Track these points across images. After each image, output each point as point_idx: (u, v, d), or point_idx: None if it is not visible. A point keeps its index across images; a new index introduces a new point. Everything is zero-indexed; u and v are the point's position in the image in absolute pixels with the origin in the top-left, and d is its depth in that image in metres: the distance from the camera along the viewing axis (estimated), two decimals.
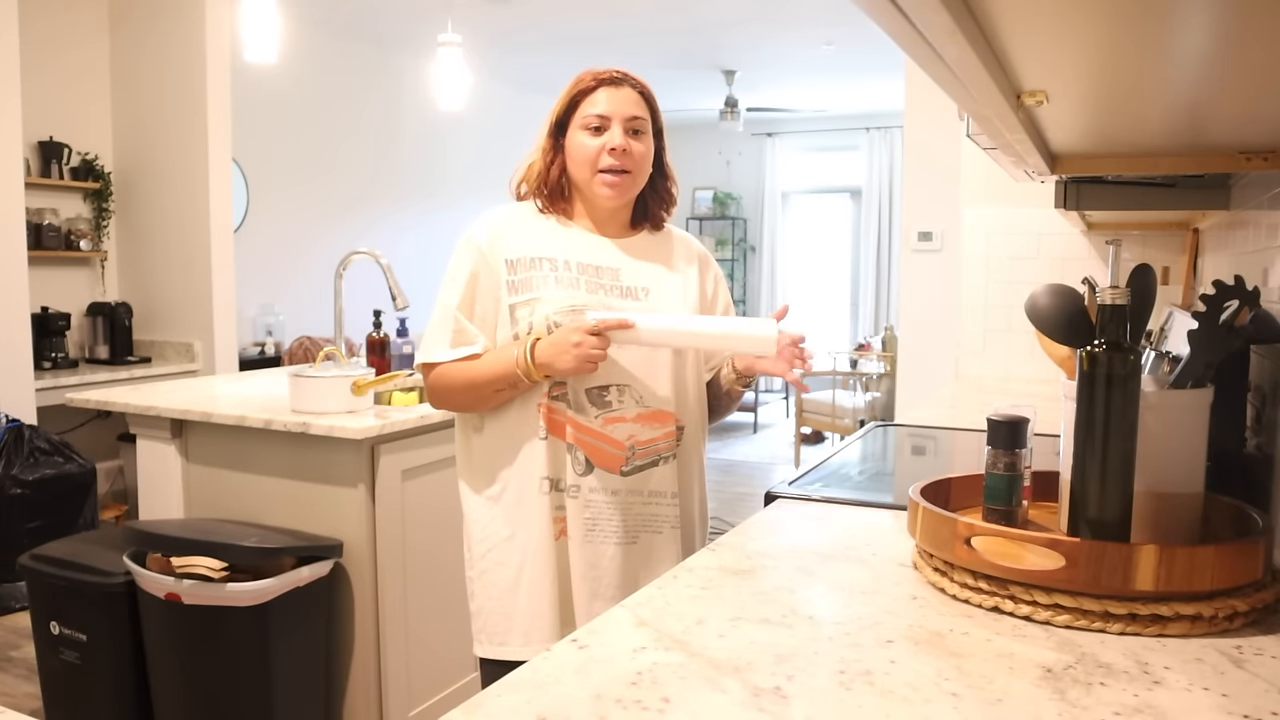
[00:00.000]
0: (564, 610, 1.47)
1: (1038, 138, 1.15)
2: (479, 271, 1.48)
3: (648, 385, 1.48)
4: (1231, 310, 1.04)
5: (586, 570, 1.46)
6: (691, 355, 1.54)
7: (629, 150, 1.47)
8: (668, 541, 1.51)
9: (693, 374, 1.55)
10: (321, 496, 2.26)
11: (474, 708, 0.78)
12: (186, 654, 2.11)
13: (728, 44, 6.23)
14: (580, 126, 1.48)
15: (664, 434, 1.50)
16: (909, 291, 4.03)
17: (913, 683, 0.81)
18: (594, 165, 1.47)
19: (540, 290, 1.45)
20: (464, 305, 1.47)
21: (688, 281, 1.57)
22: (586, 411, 1.45)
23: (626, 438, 1.46)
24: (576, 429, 1.45)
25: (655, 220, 1.59)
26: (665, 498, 1.51)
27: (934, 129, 3.80)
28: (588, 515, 1.46)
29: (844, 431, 5.93)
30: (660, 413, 1.49)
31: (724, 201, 9.27)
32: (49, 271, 4.32)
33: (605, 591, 1.46)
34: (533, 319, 1.44)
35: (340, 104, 5.97)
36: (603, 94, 1.48)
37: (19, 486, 3.37)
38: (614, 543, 1.47)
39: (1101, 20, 0.61)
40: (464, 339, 1.47)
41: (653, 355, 1.49)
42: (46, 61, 4.28)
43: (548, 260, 1.48)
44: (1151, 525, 1.01)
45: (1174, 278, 2.71)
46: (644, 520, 1.49)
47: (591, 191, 1.50)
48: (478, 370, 1.45)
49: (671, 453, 1.52)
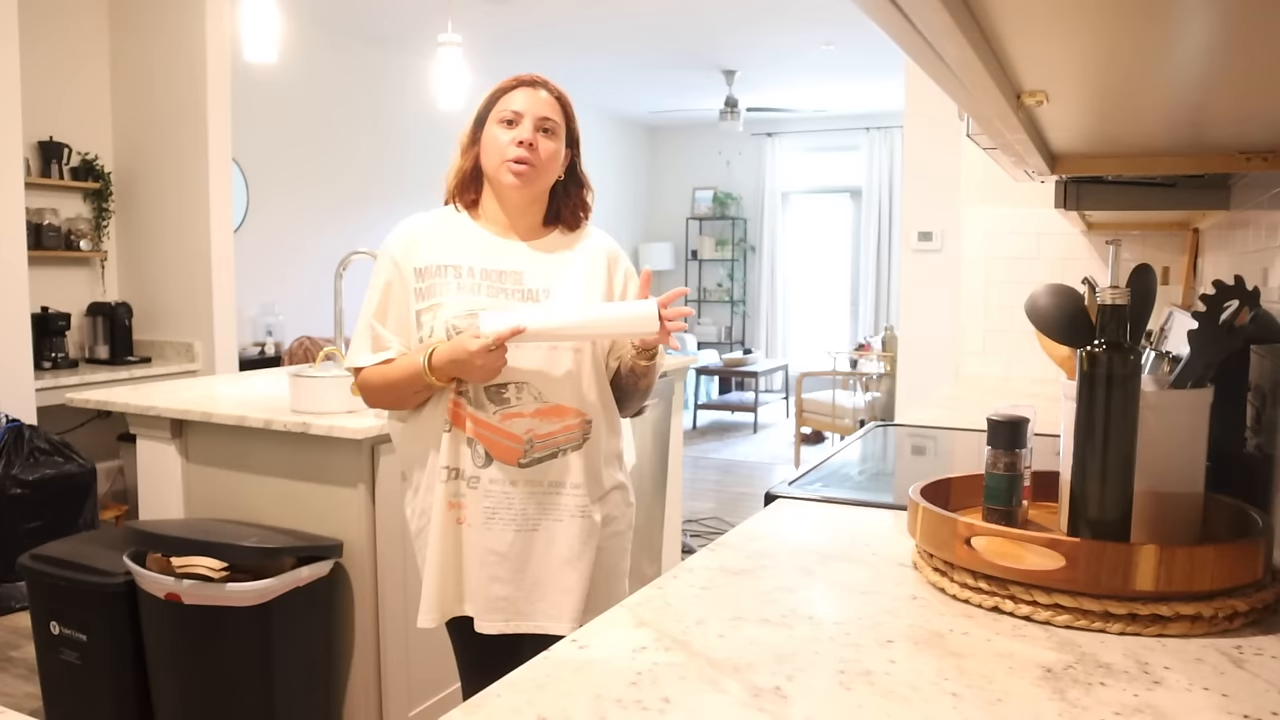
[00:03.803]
0: (457, 589, 1.59)
1: (1038, 138, 1.15)
2: (392, 281, 1.59)
3: (546, 382, 1.56)
4: (1231, 310, 1.04)
5: (484, 555, 1.56)
6: (590, 351, 1.60)
7: (536, 145, 1.56)
8: (570, 529, 1.59)
9: (592, 369, 1.61)
10: (321, 496, 2.26)
11: (474, 708, 0.78)
12: (186, 654, 2.11)
13: (728, 44, 6.23)
14: (495, 121, 1.58)
15: (563, 427, 1.58)
16: (909, 291, 4.03)
17: (913, 683, 0.81)
18: (502, 155, 1.56)
19: (442, 296, 1.55)
20: (379, 313, 1.59)
21: (592, 280, 1.63)
22: (485, 408, 1.55)
23: (524, 432, 1.55)
24: (475, 423, 1.55)
25: (567, 223, 1.67)
26: (565, 488, 1.59)
27: (934, 129, 3.79)
28: (487, 504, 1.56)
29: (844, 431, 5.93)
30: (559, 407, 1.57)
31: (724, 201, 9.27)
32: (49, 271, 4.32)
33: (504, 575, 1.56)
34: (434, 324, 1.54)
35: (340, 104, 5.96)
36: (519, 93, 1.58)
37: (19, 486, 3.37)
38: (513, 530, 1.56)
39: (1101, 20, 0.61)
40: (380, 345, 1.58)
41: (552, 354, 1.56)
42: (46, 61, 4.28)
43: (452, 268, 1.57)
44: (1151, 525, 1.01)
45: (1174, 278, 2.71)
46: (545, 508, 1.58)
47: (499, 181, 1.58)
48: (393, 373, 1.56)
49: (573, 444, 1.59)
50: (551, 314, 1.52)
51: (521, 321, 1.45)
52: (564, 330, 1.51)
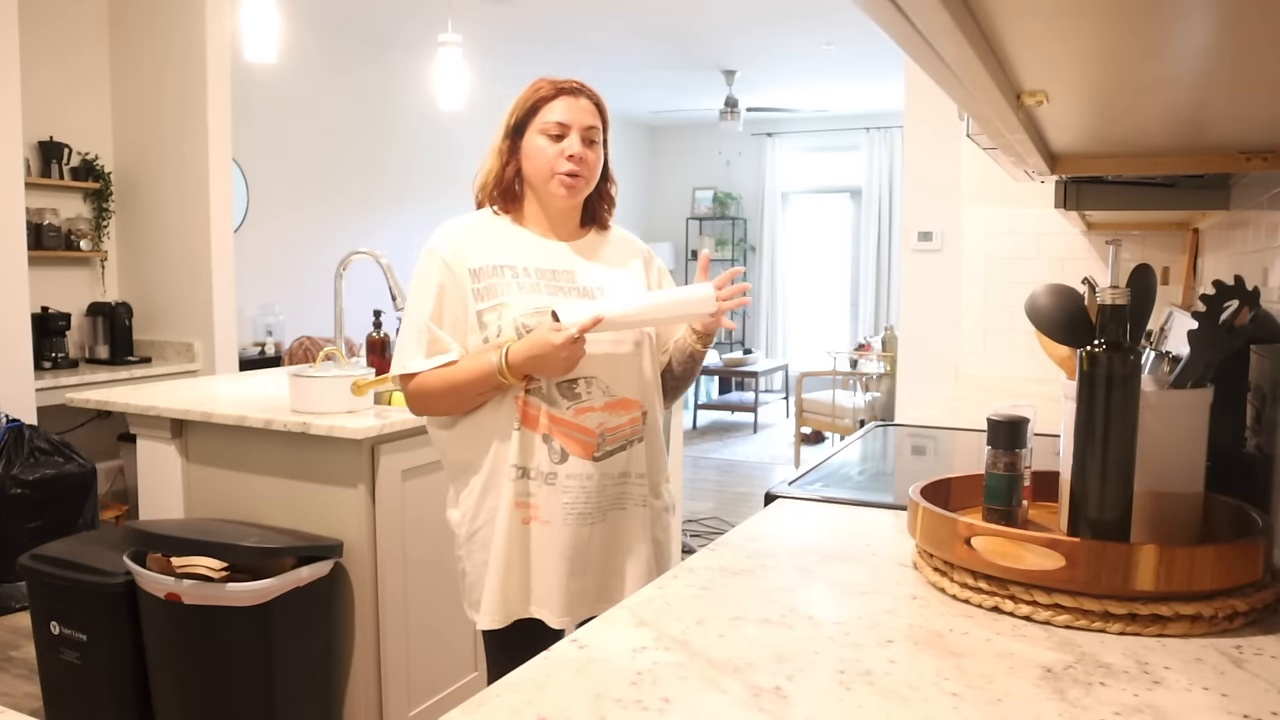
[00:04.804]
0: (536, 589, 1.57)
1: (1038, 138, 1.15)
2: (445, 283, 1.57)
3: (613, 376, 1.59)
4: (1231, 310, 1.04)
5: (565, 551, 1.55)
6: (647, 345, 1.65)
7: (584, 158, 1.58)
8: (633, 517, 1.62)
9: (650, 362, 1.66)
10: (321, 496, 2.26)
11: (474, 708, 0.78)
12: (186, 654, 2.11)
13: (728, 44, 6.23)
14: (539, 132, 1.59)
15: (629, 420, 1.61)
16: (909, 291, 4.03)
17: (913, 683, 0.81)
18: (552, 168, 1.58)
19: (505, 296, 1.56)
20: (435, 316, 1.57)
21: (636, 277, 1.69)
22: (558, 404, 1.55)
23: (597, 425, 1.57)
24: (551, 420, 1.55)
25: (600, 220, 1.71)
26: (632, 478, 1.62)
27: (934, 129, 3.79)
28: (566, 500, 1.55)
29: (844, 431, 5.93)
30: (625, 400, 1.61)
31: (724, 201, 9.27)
32: (49, 271, 4.32)
33: (582, 569, 1.57)
34: (501, 323, 1.54)
35: (340, 104, 5.96)
36: (561, 103, 1.59)
37: (19, 486, 3.37)
38: (589, 523, 1.58)
39: (1102, 20, 0.61)
40: (439, 348, 1.56)
41: (616, 349, 1.60)
42: (46, 61, 4.27)
43: (508, 268, 1.58)
44: (1151, 525, 1.01)
45: (1174, 278, 2.71)
46: (616, 500, 1.61)
47: (547, 192, 1.60)
48: (458, 375, 1.54)
49: (637, 436, 1.63)
50: (621, 302, 1.55)
51: (599, 311, 1.49)
52: (636, 316, 1.56)
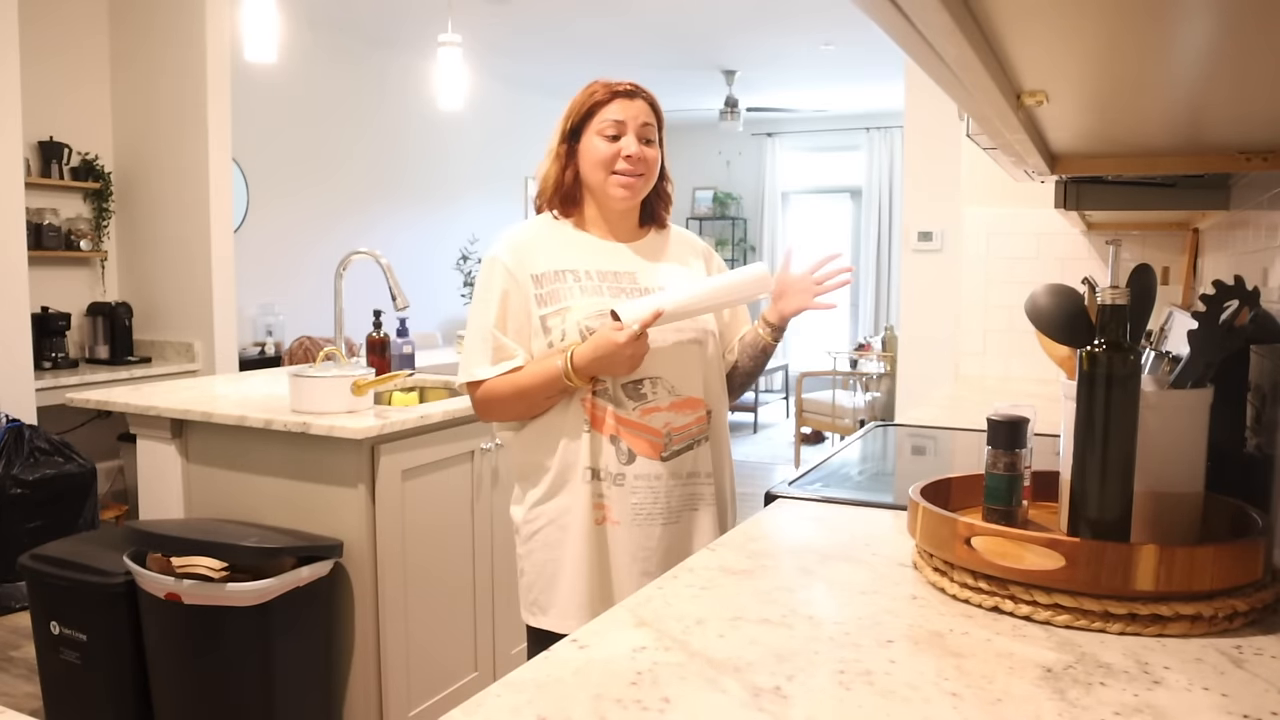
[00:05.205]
0: (605, 589, 1.57)
1: (1038, 138, 1.15)
2: (509, 289, 1.57)
3: (678, 375, 1.60)
4: (1231, 310, 1.04)
5: (636, 551, 1.56)
6: (712, 344, 1.66)
7: (643, 156, 1.59)
8: (705, 517, 1.63)
9: (715, 361, 1.67)
10: (321, 496, 2.26)
11: (474, 708, 0.78)
12: (186, 654, 2.11)
13: (728, 44, 6.23)
14: (596, 133, 1.59)
15: (695, 419, 1.61)
16: (909, 291, 4.03)
17: (913, 683, 0.81)
18: (609, 168, 1.58)
19: (567, 300, 1.56)
20: (500, 323, 1.57)
21: (697, 275, 1.70)
22: (624, 405, 1.56)
23: (663, 425, 1.57)
24: (617, 421, 1.56)
25: (659, 220, 1.71)
26: (700, 477, 1.62)
27: (934, 129, 3.80)
28: (634, 500, 1.56)
29: (844, 431, 5.93)
30: (691, 399, 1.61)
31: (724, 201, 9.27)
32: (49, 271, 4.32)
33: (652, 569, 1.55)
34: (564, 327, 1.55)
35: (340, 104, 5.96)
36: (617, 104, 1.60)
37: (19, 486, 3.37)
38: (660, 523, 1.57)
39: (1102, 20, 0.61)
40: (505, 354, 1.57)
41: (680, 348, 1.60)
42: (46, 61, 4.27)
43: (570, 272, 1.58)
44: (1151, 525, 1.01)
45: (1174, 278, 2.71)
46: (685, 500, 1.60)
47: (605, 193, 1.60)
48: (525, 380, 1.55)
49: (703, 435, 1.63)
50: (678, 293, 1.56)
51: (658, 304, 1.49)
52: (695, 304, 1.56)
